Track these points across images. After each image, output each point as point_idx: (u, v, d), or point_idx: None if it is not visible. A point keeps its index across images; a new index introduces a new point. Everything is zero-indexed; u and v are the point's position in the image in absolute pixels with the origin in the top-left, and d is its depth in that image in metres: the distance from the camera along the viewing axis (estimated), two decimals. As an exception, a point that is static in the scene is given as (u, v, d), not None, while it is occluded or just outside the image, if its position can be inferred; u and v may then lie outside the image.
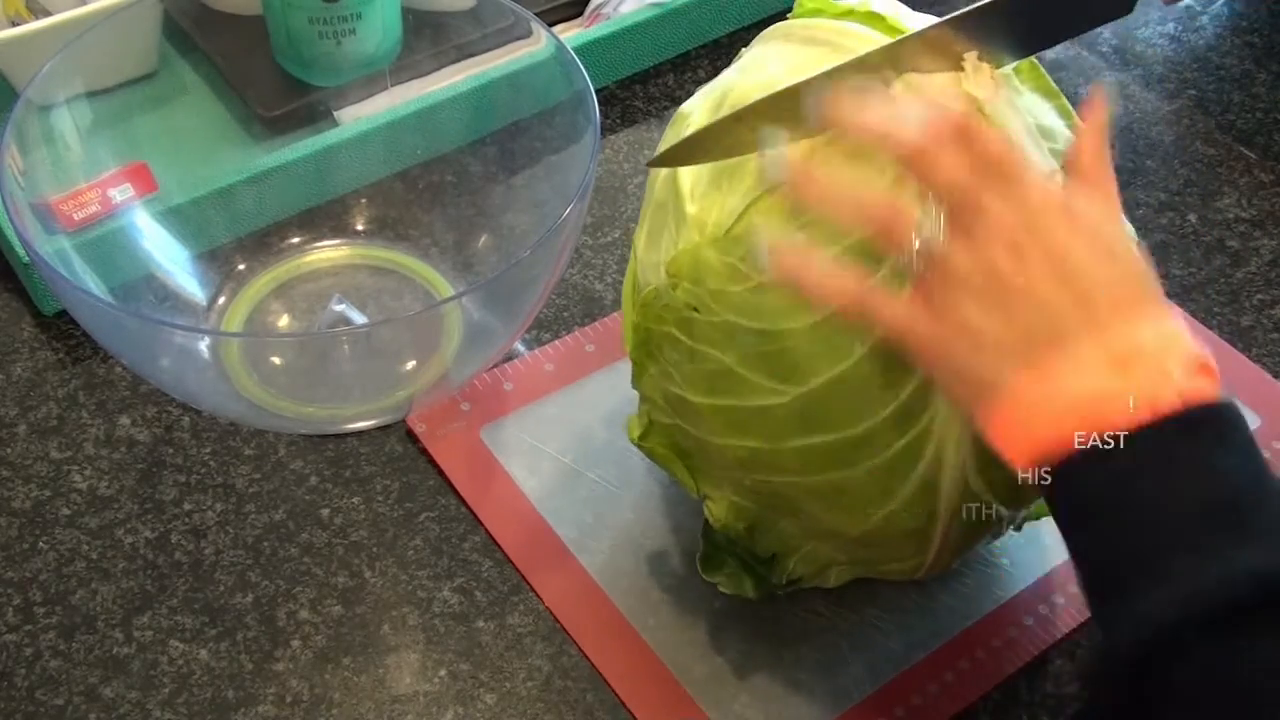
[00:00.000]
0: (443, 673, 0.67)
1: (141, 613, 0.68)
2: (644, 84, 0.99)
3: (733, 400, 0.58)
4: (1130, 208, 0.91)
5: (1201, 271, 0.88)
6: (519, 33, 0.80)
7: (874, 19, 0.60)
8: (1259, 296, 0.87)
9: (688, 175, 0.60)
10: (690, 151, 0.58)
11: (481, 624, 0.68)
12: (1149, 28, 1.08)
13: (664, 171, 0.62)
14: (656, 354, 0.61)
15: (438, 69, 0.89)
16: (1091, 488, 0.48)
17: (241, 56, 0.91)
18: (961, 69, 0.56)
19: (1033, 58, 0.63)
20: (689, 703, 0.65)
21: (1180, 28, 1.07)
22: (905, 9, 0.62)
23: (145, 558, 0.70)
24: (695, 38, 1.01)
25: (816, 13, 0.63)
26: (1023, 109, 0.58)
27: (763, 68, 0.61)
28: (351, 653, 0.67)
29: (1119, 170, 0.63)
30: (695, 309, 0.58)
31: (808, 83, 0.55)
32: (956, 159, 0.51)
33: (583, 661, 0.67)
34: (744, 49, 0.66)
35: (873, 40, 0.59)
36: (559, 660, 0.67)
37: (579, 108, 0.72)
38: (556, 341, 0.80)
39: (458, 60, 0.89)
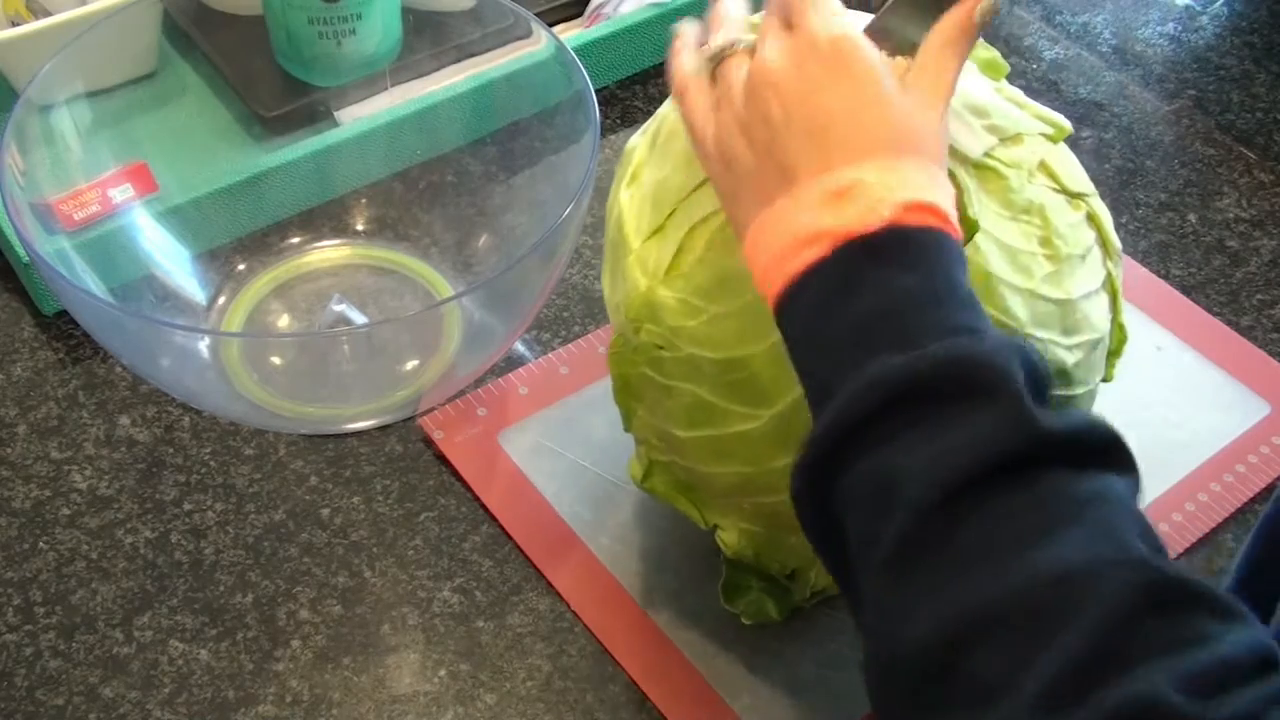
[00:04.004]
0: (443, 673, 0.67)
1: (141, 613, 0.68)
2: (644, 84, 0.99)
3: (713, 430, 0.59)
4: (1130, 208, 0.92)
5: (1201, 271, 0.88)
6: (519, 33, 0.80)
7: None
8: (1259, 296, 0.87)
9: (631, 214, 0.61)
10: None
11: (481, 624, 0.68)
12: (1149, 28, 1.08)
13: (614, 212, 0.63)
14: (639, 395, 0.62)
15: (438, 69, 0.89)
16: (792, 313, 0.50)
17: (241, 56, 0.91)
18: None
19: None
20: (713, 696, 0.66)
21: (1180, 28, 1.08)
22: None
23: (145, 558, 0.70)
24: (695, 38, 1.01)
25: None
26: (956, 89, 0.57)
27: None
28: (351, 653, 0.67)
29: (1119, 170, 0.63)
30: (661, 348, 0.59)
31: None
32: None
33: (583, 662, 0.67)
34: None
35: None
36: (559, 660, 0.67)
37: (579, 108, 0.72)
38: (570, 345, 0.80)
39: (458, 60, 0.89)
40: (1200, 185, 0.94)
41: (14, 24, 0.88)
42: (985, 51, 0.63)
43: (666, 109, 0.64)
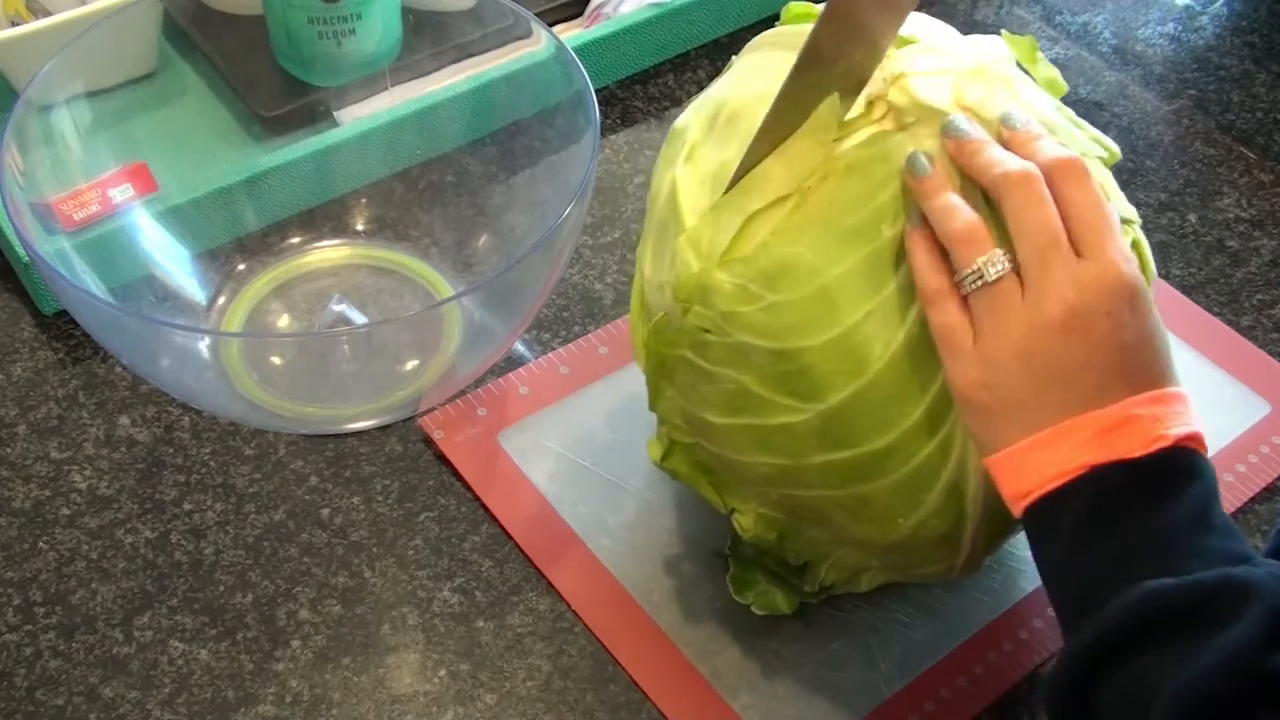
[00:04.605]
0: (443, 673, 0.67)
1: (141, 613, 0.68)
2: (644, 84, 0.99)
3: (753, 419, 0.58)
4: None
5: (1201, 271, 0.88)
6: (519, 33, 0.80)
7: None
8: (1259, 296, 0.87)
9: (687, 194, 0.60)
10: None
11: (481, 624, 0.68)
12: (1149, 28, 1.08)
13: (665, 190, 0.62)
14: (672, 376, 0.61)
15: (438, 69, 0.89)
16: (1049, 525, 0.52)
17: (241, 56, 0.91)
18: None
19: (1040, 54, 0.63)
20: (713, 695, 0.66)
21: (1180, 28, 1.08)
22: None
23: (145, 558, 0.70)
24: (695, 38, 1.01)
25: (804, 18, 0.63)
26: (1028, 103, 0.58)
27: (755, 79, 0.61)
28: (351, 653, 0.67)
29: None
30: (708, 331, 0.58)
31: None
32: (1044, 208, 0.52)
33: (583, 662, 0.67)
34: (734, 57, 0.66)
35: None
36: (559, 660, 0.67)
37: (579, 108, 0.72)
38: (570, 345, 0.80)
39: (458, 60, 0.89)
40: (1200, 185, 0.94)
41: (14, 24, 0.88)
42: (1047, 70, 0.63)
43: (724, 89, 0.62)
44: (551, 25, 0.90)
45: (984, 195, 0.55)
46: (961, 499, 0.57)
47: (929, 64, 0.58)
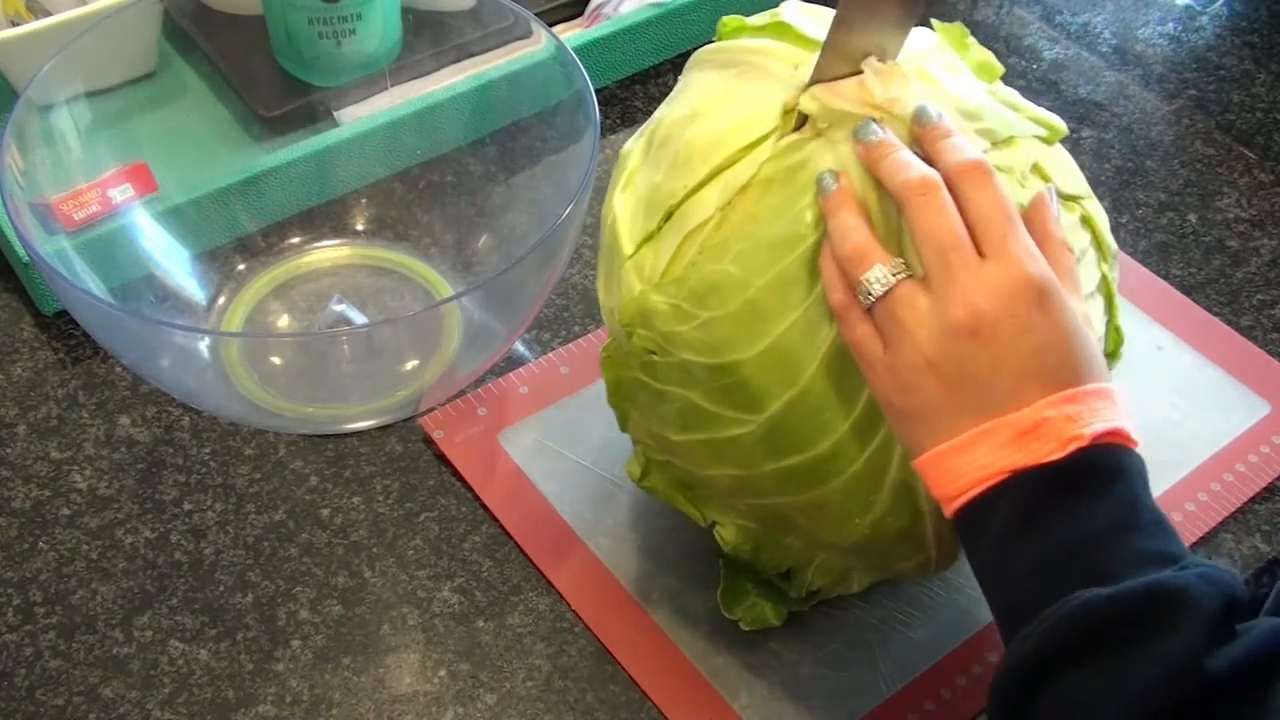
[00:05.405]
0: (443, 673, 0.67)
1: (141, 613, 0.68)
2: (644, 84, 0.99)
3: (705, 434, 0.59)
4: (1130, 208, 0.92)
5: (1201, 271, 0.88)
6: (519, 33, 0.80)
7: (782, 30, 0.61)
8: (1259, 296, 0.87)
9: (625, 220, 0.61)
10: None
11: (481, 624, 0.68)
12: (1149, 28, 1.08)
13: (609, 217, 0.63)
14: (632, 398, 0.63)
15: (438, 69, 0.89)
16: (977, 532, 0.51)
17: (241, 56, 0.91)
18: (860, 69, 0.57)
19: (970, 39, 0.63)
20: (713, 695, 0.66)
21: (1180, 28, 1.08)
22: (817, 13, 0.62)
23: (145, 558, 0.70)
24: (695, 38, 1.01)
25: (738, 33, 0.63)
26: (948, 95, 0.58)
27: (686, 99, 0.62)
28: (351, 653, 0.67)
29: (1119, 170, 0.63)
30: (653, 352, 0.59)
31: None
32: (943, 214, 0.52)
33: (583, 662, 0.67)
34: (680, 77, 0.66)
35: (780, 53, 0.60)
36: (559, 660, 0.67)
37: (579, 108, 0.72)
38: (570, 345, 0.80)
39: (458, 60, 0.89)
40: (1200, 185, 0.94)
41: (14, 24, 0.88)
42: (979, 53, 0.63)
43: (661, 112, 0.64)
44: (551, 25, 0.90)
45: None
46: (914, 496, 0.58)
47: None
